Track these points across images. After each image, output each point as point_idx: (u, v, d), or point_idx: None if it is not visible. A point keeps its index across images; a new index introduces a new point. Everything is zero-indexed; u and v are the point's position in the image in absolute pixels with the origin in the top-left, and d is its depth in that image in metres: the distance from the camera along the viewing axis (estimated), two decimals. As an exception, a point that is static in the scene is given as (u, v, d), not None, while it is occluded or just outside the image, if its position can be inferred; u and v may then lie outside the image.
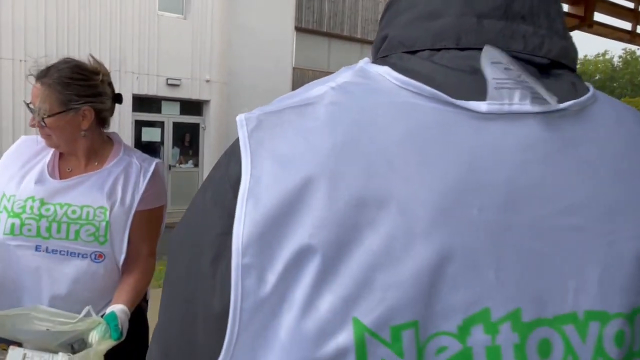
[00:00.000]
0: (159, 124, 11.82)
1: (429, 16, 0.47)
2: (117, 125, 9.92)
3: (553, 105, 0.43)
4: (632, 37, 3.00)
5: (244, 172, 0.41)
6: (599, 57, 37.97)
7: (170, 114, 11.91)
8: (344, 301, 0.37)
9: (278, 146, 0.42)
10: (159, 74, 11.17)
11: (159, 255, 1.54)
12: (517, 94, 0.43)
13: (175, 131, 12.02)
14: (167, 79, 11.24)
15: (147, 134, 11.60)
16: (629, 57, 36.12)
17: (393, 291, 0.37)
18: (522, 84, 0.42)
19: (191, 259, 0.46)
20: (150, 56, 10.99)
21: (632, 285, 0.40)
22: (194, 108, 12.14)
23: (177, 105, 11.93)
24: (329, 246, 0.38)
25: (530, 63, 0.45)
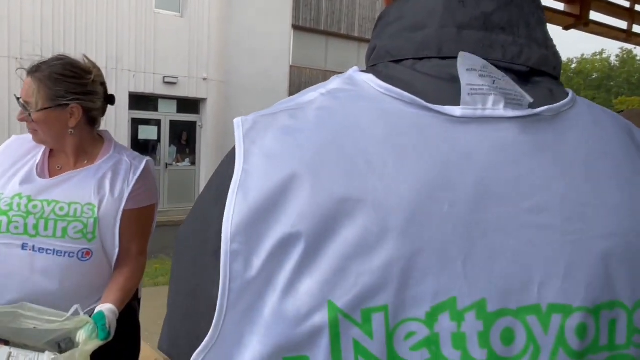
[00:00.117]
0: (156, 122, 11.81)
1: (413, 28, 0.50)
2: (113, 123, 9.92)
3: (528, 110, 0.46)
4: (628, 37, 3.01)
5: (237, 167, 0.45)
6: (596, 56, 38.04)
7: (167, 112, 11.89)
8: (321, 285, 0.41)
9: (268, 144, 0.45)
10: (155, 72, 11.16)
11: (154, 253, 1.53)
12: (491, 99, 0.45)
13: (172, 129, 12.01)
14: (164, 77, 11.24)
15: (143, 132, 11.59)
16: (625, 56, 36.21)
17: (365, 278, 0.41)
18: (496, 89, 0.45)
19: (195, 254, 0.49)
20: (147, 54, 10.98)
21: (597, 282, 0.42)
22: (190, 106, 12.13)
23: (174, 103, 11.92)
24: (310, 235, 0.41)
25: (510, 71, 0.48)
